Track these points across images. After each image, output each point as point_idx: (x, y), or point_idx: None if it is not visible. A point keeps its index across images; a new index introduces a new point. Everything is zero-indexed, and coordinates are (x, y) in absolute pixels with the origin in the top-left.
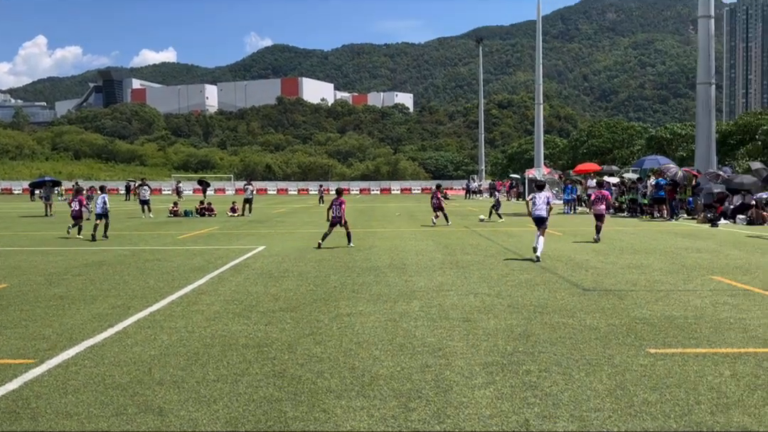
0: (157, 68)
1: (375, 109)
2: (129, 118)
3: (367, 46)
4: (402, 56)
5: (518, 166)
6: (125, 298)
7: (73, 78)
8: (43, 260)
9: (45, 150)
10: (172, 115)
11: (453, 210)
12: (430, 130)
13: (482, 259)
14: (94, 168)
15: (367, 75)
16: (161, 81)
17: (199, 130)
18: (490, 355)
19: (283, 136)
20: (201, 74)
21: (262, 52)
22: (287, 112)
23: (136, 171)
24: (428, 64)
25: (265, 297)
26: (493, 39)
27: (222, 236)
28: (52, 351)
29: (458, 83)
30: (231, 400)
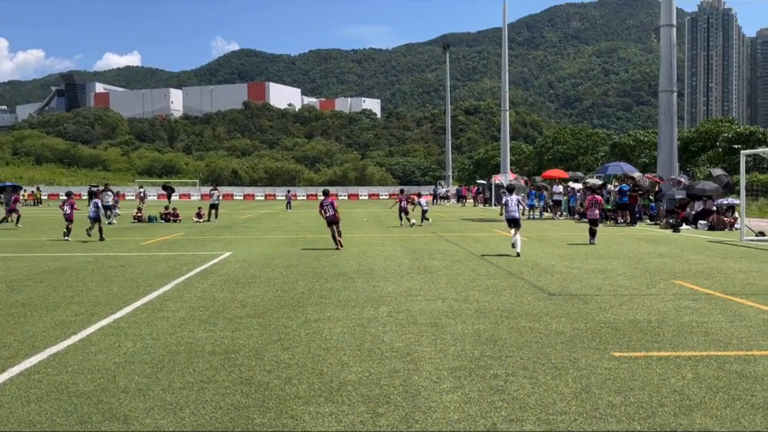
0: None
1: (342, 115)
2: (92, 122)
3: (334, 52)
4: (369, 62)
5: (485, 171)
6: (88, 305)
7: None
8: (4, 266)
9: (5, 155)
10: (136, 120)
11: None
12: (398, 136)
13: (449, 265)
14: (56, 173)
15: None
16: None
17: (164, 135)
18: (457, 359)
19: (249, 141)
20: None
21: (229, 57)
22: (254, 117)
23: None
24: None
25: (232, 303)
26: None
27: (187, 242)
28: (13, 359)
29: (425, 89)
30: (198, 407)
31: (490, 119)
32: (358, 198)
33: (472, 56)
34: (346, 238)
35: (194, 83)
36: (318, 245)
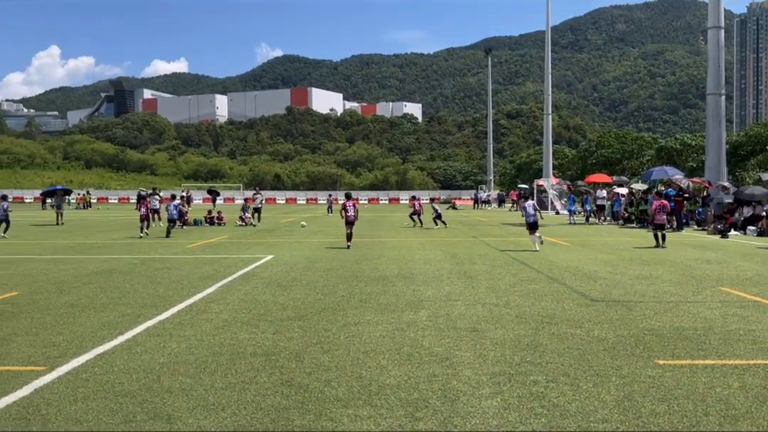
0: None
1: (384, 119)
2: (140, 127)
3: (376, 57)
4: (411, 66)
5: (527, 176)
6: (135, 307)
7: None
8: (54, 268)
9: (57, 159)
10: (182, 125)
11: (461, 220)
12: (439, 140)
13: (490, 269)
14: (105, 177)
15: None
16: (172, 91)
17: (209, 140)
18: (497, 365)
19: (292, 145)
20: (212, 84)
21: (272, 63)
22: (296, 122)
23: (146, 180)
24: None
25: (274, 306)
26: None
27: (231, 245)
28: (62, 358)
29: (467, 93)
30: (239, 408)
31: (533, 123)
32: (398, 202)
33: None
34: (386, 242)
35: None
36: (358, 249)
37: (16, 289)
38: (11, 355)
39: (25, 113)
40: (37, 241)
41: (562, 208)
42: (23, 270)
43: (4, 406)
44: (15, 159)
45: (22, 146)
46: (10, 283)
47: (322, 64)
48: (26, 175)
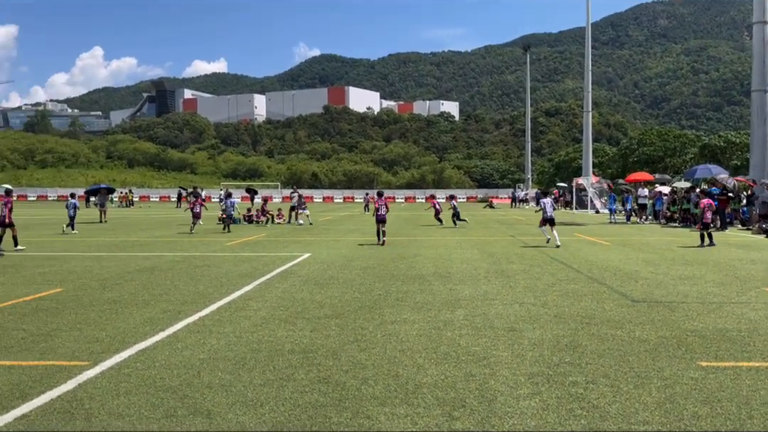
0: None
1: (420, 118)
2: (180, 127)
3: (413, 55)
4: (448, 64)
5: (566, 174)
6: (176, 303)
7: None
8: (98, 265)
9: (100, 158)
10: (221, 124)
11: (499, 219)
12: (476, 139)
13: (528, 269)
14: (147, 176)
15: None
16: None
17: (248, 139)
18: (535, 365)
19: (329, 144)
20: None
21: (310, 62)
22: (333, 121)
23: (187, 179)
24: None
25: (311, 304)
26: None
27: (269, 243)
28: (105, 354)
29: (505, 91)
30: (277, 404)
31: (572, 121)
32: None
33: (553, 57)
34: (423, 241)
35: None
36: (394, 248)
37: (61, 286)
38: (56, 350)
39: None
40: (81, 239)
41: (602, 206)
42: (68, 267)
43: (49, 401)
44: (60, 158)
45: (67, 146)
46: (55, 280)
47: (359, 63)
48: (71, 174)
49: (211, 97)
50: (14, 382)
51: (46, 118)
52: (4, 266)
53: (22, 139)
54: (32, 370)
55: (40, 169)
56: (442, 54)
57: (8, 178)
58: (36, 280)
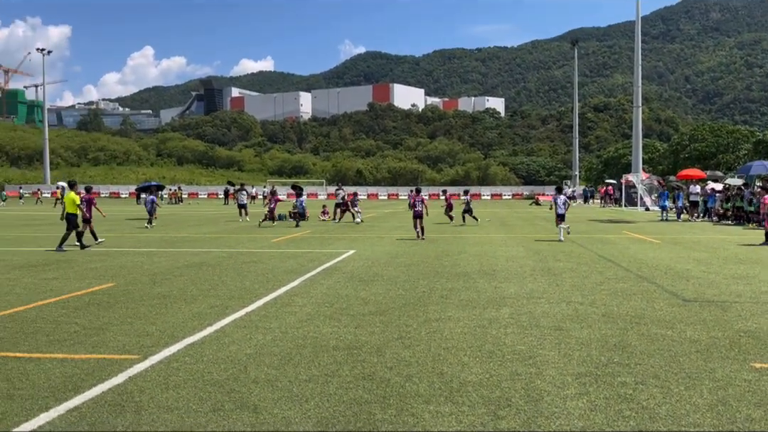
0: (255, 77)
1: (465, 114)
2: (228, 125)
3: (458, 51)
4: (494, 60)
5: (614, 171)
6: (223, 299)
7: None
8: (148, 261)
9: (150, 156)
10: (268, 122)
11: (545, 216)
12: (522, 135)
13: (575, 267)
14: (196, 173)
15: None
16: (259, 89)
17: (294, 137)
18: (583, 365)
19: (373, 141)
20: (296, 82)
21: (355, 60)
22: (378, 118)
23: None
24: (521, 68)
25: (355, 300)
26: (590, 41)
27: (314, 240)
28: (154, 348)
29: (552, 87)
30: (322, 400)
31: (621, 116)
32: (480, 198)
33: (602, 51)
34: (468, 238)
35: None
36: (439, 245)
37: (113, 281)
38: (107, 344)
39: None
40: (132, 235)
41: (652, 204)
42: (119, 262)
43: (100, 393)
44: (111, 156)
45: (118, 143)
46: (107, 275)
47: (404, 59)
48: (122, 171)
49: (257, 96)
50: (67, 374)
51: (99, 117)
52: (59, 261)
53: (75, 137)
54: (84, 363)
55: (92, 166)
56: (488, 50)
57: (62, 175)
58: (88, 275)
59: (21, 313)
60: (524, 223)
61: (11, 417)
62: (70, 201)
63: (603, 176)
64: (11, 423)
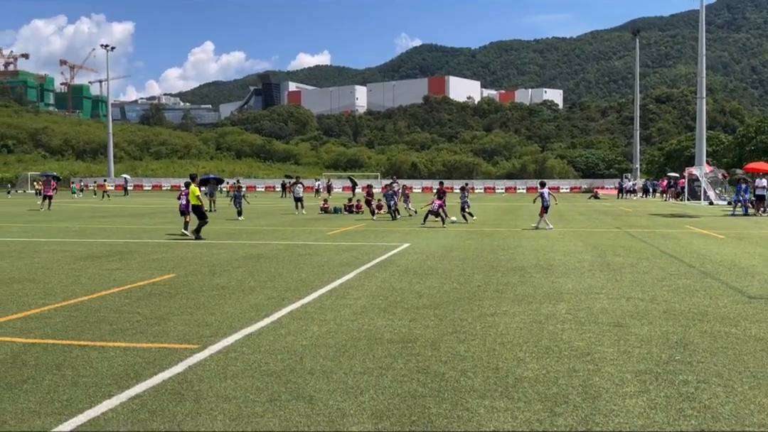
0: (312, 71)
1: (522, 107)
2: (285, 119)
3: (515, 43)
4: (552, 51)
5: (677, 164)
6: (280, 290)
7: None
8: (208, 252)
9: (210, 150)
10: (324, 116)
11: (604, 210)
12: (581, 127)
13: (635, 262)
14: (253, 167)
15: (515, 72)
16: (315, 83)
17: (349, 130)
18: (643, 362)
19: (428, 134)
20: (352, 75)
21: (411, 52)
22: (433, 111)
23: (290, 169)
24: (580, 59)
25: (410, 294)
26: (651, 30)
27: (368, 233)
28: (213, 338)
29: (612, 78)
30: (377, 392)
31: (684, 108)
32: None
33: (664, 41)
34: (524, 233)
35: (378, 79)
36: (494, 239)
37: (174, 271)
38: (168, 333)
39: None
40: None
41: (716, 198)
42: (180, 254)
43: (161, 382)
44: (173, 149)
45: (179, 137)
46: (168, 266)
47: (459, 52)
48: (182, 165)
49: (314, 90)
50: (129, 363)
51: (160, 111)
52: (122, 252)
53: (138, 131)
54: (146, 352)
55: (154, 160)
56: (546, 41)
57: (125, 168)
58: (150, 266)
59: (85, 302)
60: (582, 217)
61: (76, 404)
62: (193, 194)
63: (665, 169)
64: (75, 409)
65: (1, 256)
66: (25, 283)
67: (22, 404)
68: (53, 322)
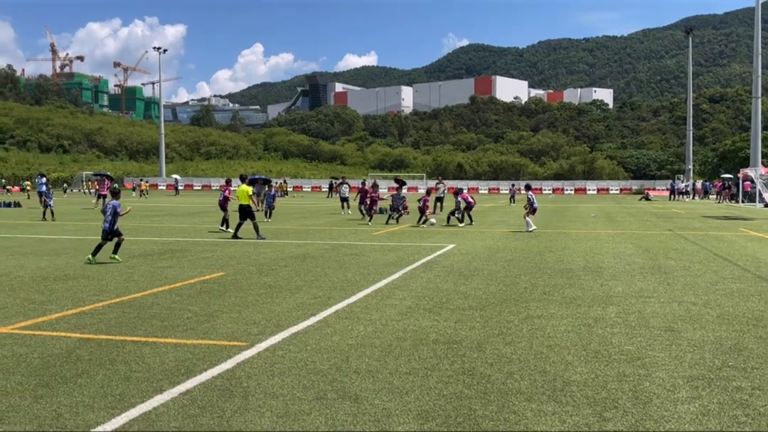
0: (358, 72)
1: (571, 106)
2: (331, 119)
3: (564, 41)
4: (602, 50)
5: (731, 165)
6: (326, 290)
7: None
8: (255, 251)
9: (258, 150)
10: (370, 117)
11: (655, 212)
12: (631, 127)
13: (688, 265)
14: (300, 167)
15: (564, 71)
16: (362, 84)
17: (395, 131)
18: (695, 368)
19: (474, 135)
20: (398, 76)
21: (457, 52)
22: (479, 111)
23: (336, 170)
24: (631, 58)
25: (455, 295)
26: (705, 29)
27: (413, 233)
28: (261, 335)
29: (664, 77)
30: (422, 393)
31: (739, 107)
32: (585, 192)
33: (718, 39)
34: (572, 234)
35: (424, 80)
36: (542, 240)
37: (223, 270)
38: (217, 331)
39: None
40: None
41: None
42: (228, 252)
43: (210, 378)
44: (222, 150)
45: (228, 138)
46: (217, 264)
47: (507, 51)
48: (231, 165)
49: (360, 90)
50: (180, 359)
51: (210, 113)
52: (173, 251)
53: (189, 132)
54: (196, 348)
55: (204, 160)
56: (596, 39)
57: (176, 168)
58: (200, 264)
59: (138, 299)
60: (633, 219)
61: (128, 398)
62: (243, 193)
63: (719, 170)
64: (128, 404)
65: (57, 253)
66: (80, 279)
67: (77, 398)
68: (107, 318)
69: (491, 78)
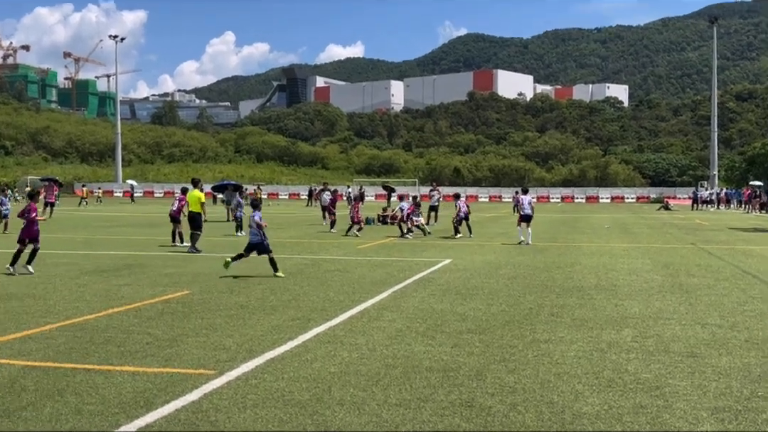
0: (342, 64)
1: (581, 104)
2: (312, 118)
3: (574, 32)
4: (616, 41)
5: (761, 170)
6: (305, 310)
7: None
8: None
9: (228, 152)
10: (355, 114)
11: (677, 223)
12: (649, 128)
13: (712, 283)
14: (276, 171)
15: (573, 65)
16: (346, 78)
17: (383, 131)
18: (720, 398)
19: (473, 135)
20: (387, 69)
21: (454, 43)
22: (479, 109)
23: (317, 174)
24: (648, 50)
25: (452, 316)
26: (731, 18)
27: (405, 247)
28: (231, 362)
29: (685, 71)
30: (414, 427)
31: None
32: (598, 201)
33: (746, 30)
34: (583, 248)
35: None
36: (549, 255)
37: (187, 288)
38: (181, 357)
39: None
40: (207, 238)
41: None
42: (193, 268)
43: (174, 411)
44: (187, 152)
45: (194, 139)
46: (181, 282)
47: (509, 42)
48: (197, 169)
49: (344, 85)
50: (139, 389)
51: (174, 110)
52: (131, 266)
53: (149, 131)
54: (157, 377)
55: (166, 163)
56: (609, 29)
57: (134, 172)
58: (162, 282)
59: (91, 321)
60: (651, 230)
61: None
62: (194, 199)
63: (747, 176)
64: None
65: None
66: (24, 299)
67: None
68: (55, 343)
69: (492, 72)
